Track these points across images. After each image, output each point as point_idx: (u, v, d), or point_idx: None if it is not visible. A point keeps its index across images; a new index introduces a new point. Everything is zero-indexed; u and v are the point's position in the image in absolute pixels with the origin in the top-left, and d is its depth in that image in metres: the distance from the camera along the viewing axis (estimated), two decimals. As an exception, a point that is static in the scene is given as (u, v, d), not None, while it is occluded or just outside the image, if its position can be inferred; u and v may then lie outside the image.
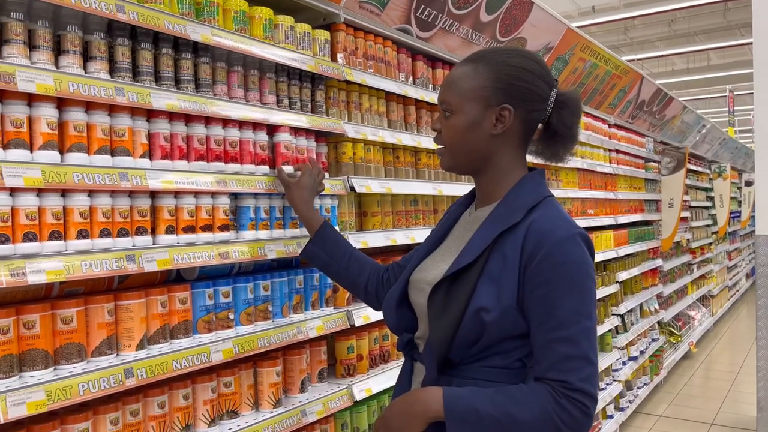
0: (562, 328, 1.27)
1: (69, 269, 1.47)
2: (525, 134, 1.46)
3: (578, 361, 1.26)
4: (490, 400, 1.28)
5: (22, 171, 1.40)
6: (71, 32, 1.57)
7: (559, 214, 1.37)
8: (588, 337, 1.28)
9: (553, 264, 1.29)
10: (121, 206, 1.66)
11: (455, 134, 1.43)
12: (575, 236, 1.32)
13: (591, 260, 1.34)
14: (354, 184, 2.38)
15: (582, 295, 1.29)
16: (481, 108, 1.41)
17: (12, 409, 1.36)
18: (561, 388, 1.25)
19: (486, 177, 1.48)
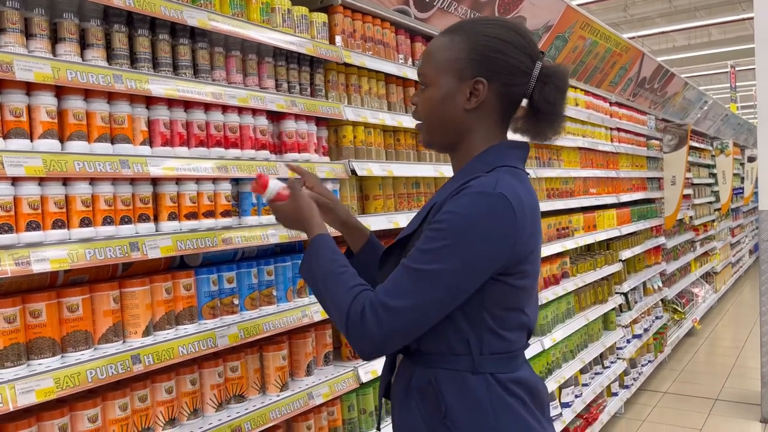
0: (413, 259, 1.22)
1: (73, 257, 1.48)
2: (504, 110, 1.37)
3: (397, 290, 1.21)
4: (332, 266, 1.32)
5: (23, 160, 1.40)
6: (67, 20, 1.56)
7: (493, 177, 1.26)
8: (424, 283, 1.20)
9: (446, 210, 1.23)
10: (123, 194, 1.66)
11: (429, 108, 1.37)
12: (485, 193, 1.22)
13: (493, 223, 1.20)
14: (355, 168, 2.38)
15: (452, 249, 1.19)
16: (454, 81, 1.33)
17: (21, 397, 1.37)
18: (371, 297, 1.23)
19: (459, 154, 1.39)
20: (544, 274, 3.92)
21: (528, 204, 1.27)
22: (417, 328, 1.23)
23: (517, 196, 1.24)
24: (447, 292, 1.22)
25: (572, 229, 4.44)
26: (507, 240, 1.22)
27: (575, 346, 4.29)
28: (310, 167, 2.20)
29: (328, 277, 1.32)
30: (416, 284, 1.20)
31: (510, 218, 1.21)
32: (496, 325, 1.29)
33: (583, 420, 4.33)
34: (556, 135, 1.40)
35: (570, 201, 4.39)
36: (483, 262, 1.22)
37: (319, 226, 1.45)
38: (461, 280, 1.21)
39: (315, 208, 1.50)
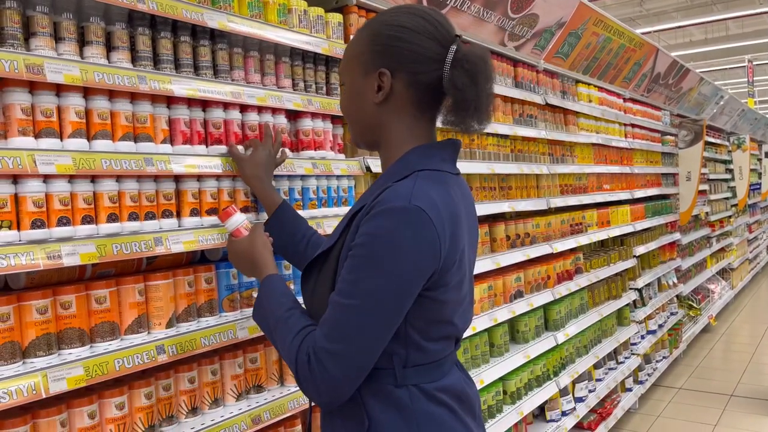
0: (342, 294, 1.18)
1: (101, 252, 1.54)
2: (418, 101, 1.30)
3: (335, 332, 1.17)
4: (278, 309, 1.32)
5: (54, 158, 1.46)
6: (94, 23, 1.63)
7: (409, 186, 1.19)
8: (359, 319, 1.16)
9: (364, 232, 1.17)
10: (147, 190, 1.72)
11: (345, 106, 1.37)
12: (401, 209, 1.15)
13: (414, 241, 1.15)
14: (370, 164, 2.43)
15: (379, 276, 1.15)
16: (361, 75, 1.31)
17: (53, 385, 1.44)
18: (313, 343, 1.19)
19: (383, 152, 1.36)
20: (558, 270, 3.94)
21: (447, 211, 1.20)
22: (366, 364, 1.19)
23: (434, 205, 1.18)
24: (384, 321, 1.18)
25: (585, 224, 4.46)
26: (431, 254, 1.17)
27: (589, 341, 4.31)
28: (327, 164, 2.25)
29: (277, 324, 1.30)
30: (352, 322, 1.16)
31: (429, 231, 1.16)
32: (420, 338, 1.25)
33: (597, 415, 4.35)
34: (481, 125, 1.29)
35: (583, 197, 4.40)
36: (412, 281, 1.17)
37: (270, 267, 1.45)
38: (395, 306, 1.17)
39: (269, 250, 1.51)
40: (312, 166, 2.19)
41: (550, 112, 4.14)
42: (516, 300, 3.47)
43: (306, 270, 1.36)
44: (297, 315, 1.29)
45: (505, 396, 3.31)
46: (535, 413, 3.87)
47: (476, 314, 3.09)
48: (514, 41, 3.72)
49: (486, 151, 3.37)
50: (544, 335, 3.76)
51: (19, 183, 1.45)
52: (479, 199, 3.30)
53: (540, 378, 3.61)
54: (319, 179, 2.26)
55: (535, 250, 3.65)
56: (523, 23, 3.67)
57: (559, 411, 3.83)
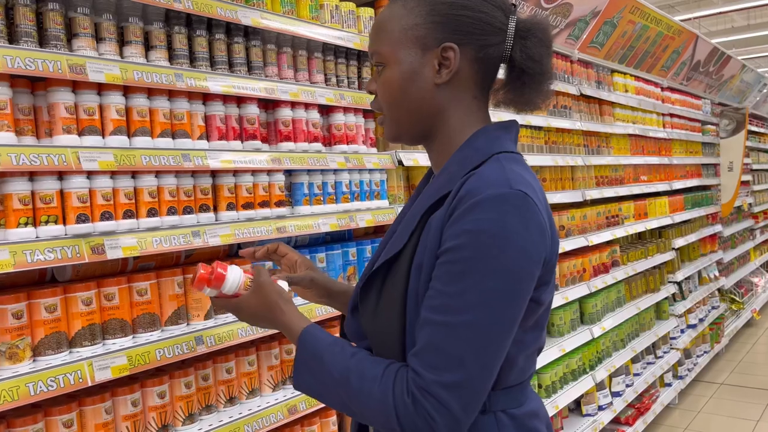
0: (446, 311, 0.96)
1: (142, 245, 1.59)
2: (482, 79, 1.12)
3: (446, 360, 0.95)
4: (341, 359, 1.05)
5: (97, 155, 1.52)
6: (133, 24, 1.67)
7: (499, 170, 1.02)
8: (477, 336, 0.95)
9: (461, 231, 0.97)
10: (185, 185, 1.77)
11: (391, 92, 1.11)
12: (504, 196, 0.97)
13: (526, 230, 0.98)
14: (402, 158, 2.44)
15: (492, 278, 0.95)
16: (417, 52, 1.08)
17: (98, 373, 1.50)
18: (415, 380, 0.97)
19: (437, 144, 1.15)
20: (594, 262, 3.89)
21: (542, 195, 1.07)
22: (487, 389, 0.99)
23: (533, 189, 1.03)
24: (505, 333, 0.98)
25: (622, 217, 4.39)
26: (543, 243, 1.01)
27: (626, 335, 4.25)
28: (359, 158, 2.27)
29: (342, 380, 1.03)
30: (468, 342, 0.95)
31: (538, 219, 1.00)
32: (516, 351, 1.05)
33: (635, 410, 4.29)
34: (546, 100, 1.16)
35: (620, 188, 4.33)
36: (529, 277, 0.99)
37: (297, 318, 1.18)
38: (515, 311, 0.99)
39: (286, 298, 1.22)
40: (345, 161, 2.21)
41: (585, 103, 4.08)
42: (551, 293, 3.44)
43: (363, 288, 1.12)
44: (365, 358, 1.05)
45: (539, 390, 3.29)
46: (571, 407, 3.84)
47: (510, 307, 3.08)
48: (547, 31, 3.67)
49: (519, 144, 3.34)
50: (579, 329, 3.72)
51: (64, 179, 1.51)
52: (513, 191, 3.27)
53: (575, 372, 3.57)
54: (351, 173, 2.29)
55: (570, 242, 3.61)
56: (557, 13, 3.62)
57: (595, 405, 3.79)
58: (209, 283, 1.27)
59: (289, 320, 1.18)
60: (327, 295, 1.41)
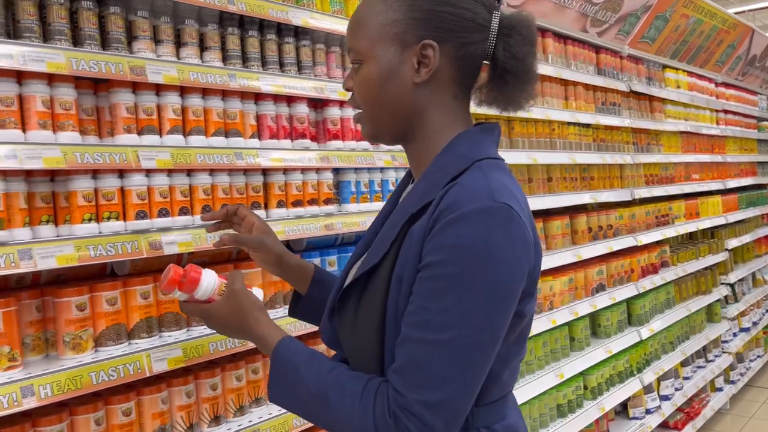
0: (428, 327, 0.93)
1: (196, 241, 1.64)
2: (462, 79, 1.07)
3: (428, 378, 0.92)
4: (319, 374, 1.01)
5: (155, 154, 1.57)
6: (189, 26, 1.72)
7: (482, 180, 0.98)
8: (460, 354, 0.92)
9: (443, 246, 0.94)
10: (237, 183, 1.81)
11: (368, 90, 1.06)
12: (487, 210, 0.94)
13: (511, 245, 0.94)
14: (449, 156, 2.44)
15: (475, 295, 0.92)
16: (396, 49, 1.04)
17: (156, 364, 1.55)
18: (396, 399, 0.93)
19: (415, 143, 1.10)
20: (642, 263, 3.81)
21: (525, 203, 1.03)
22: (469, 405, 0.97)
23: (516, 200, 0.99)
24: (488, 351, 0.95)
25: (672, 216, 4.28)
26: (527, 258, 0.98)
27: (675, 337, 4.15)
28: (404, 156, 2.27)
29: (320, 395, 1.00)
30: (450, 360, 0.92)
31: (523, 232, 0.96)
32: (499, 367, 1.01)
33: (684, 414, 4.19)
34: (530, 100, 1.11)
35: (670, 187, 4.23)
36: (513, 294, 0.97)
37: (273, 329, 1.13)
38: (498, 328, 0.96)
39: (261, 309, 1.17)
40: (391, 159, 2.22)
41: (635, 100, 3.99)
42: (597, 293, 3.39)
43: (341, 300, 1.07)
44: (344, 373, 1.01)
45: (585, 391, 3.25)
46: (618, 410, 3.77)
47: (556, 307, 3.05)
48: (596, 27, 3.60)
49: (567, 141, 3.29)
50: (627, 330, 3.65)
51: (124, 177, 1.56)
52: (560, 190, 3.24)
53: (622, 374, 3.51)
54: (397, 171, 2.30)
55: (619, 242, 3.54)
56: (607, 8, 3.55)
57: (642, 408, 3.71)
58: (181, 286, 1.20)
59: (263, 331, 1.13)
60: (277, 263, 1.37)
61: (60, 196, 1.49)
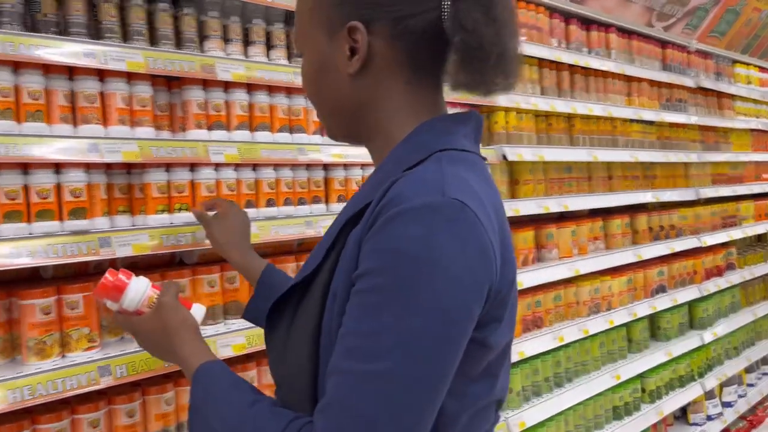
0: (357, 356, 0.74)
1: (262, 233, 1.70)
2: (411, 60, 0.89)
3: (353, 420, 0.73)
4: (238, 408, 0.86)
5: (223, 149, 1.63)
6: (257, 25, 1.78)
7: (434, 172, 0.80)
8: (395, 390, 0.72)
9: (378, 249, 0.76)
10: (300, 178, 1.86)
11: (307, 86, 0.96)
12: (434, 206, 0.75)
13: (462, 252, 0.75)
14: (506, 153, 2.43)
15: (415, 315, 0.73)
16: (324, 38, 0.90)
17: (221, 350, 1.62)
18: None
19: (372, 142, 0.95)
20: (706, 265, 3.69)
21: (492, 207, 0.83)
22: None
23: (476, 197, 0.80)
24: (433, 385, 0.75)
25: (740, 217, 4.12)
26: (484, 268, 0.78)
27: (740, 342, 4.00)
28: (464, 153, 2.29)
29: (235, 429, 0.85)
30: (379, 398, 0.72)
31: (479, 236, 0.77)
32: (458, 407, 0.82)
33: (747, 422, 4.04)
34: (508, 79, 0.90)
35: (738, 187, 4.07)
36: (461, 318, 0.76)
37: (197, 350, 1.00)
38: (442, 360, 0.75)
39: (190, 326, 1.05)
40: (450, 155, 2.24)
41: (703, 96, 3.86)
42: (658, 295, 3.30)
43: (269, 317, 0.92)
44: (266, 409, 0.84)
45: (643, 394, 3.18)
46: (677, 415, 3.67)
47: (614, 308, 2.99)
48: (662, 21, 3.50)
49: (629, 139, 3.22)
50: (688, 333, 3.55)
51: (195, 171, 1.64)
52: (621, 188, 3.17)
53: (683, 378, 3.41)
54: (456, 167, 2.31)
55: (681, 243, 3.44)
56: (674, 2, 3.44)
57: (703, 414, 3.60)
58: (108, 293, 1.06)
59: (186, 353, 0.99)
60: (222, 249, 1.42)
61: (135, 187, 1.57)
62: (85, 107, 1.45)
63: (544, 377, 2.61)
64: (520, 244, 2.59)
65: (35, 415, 1.39)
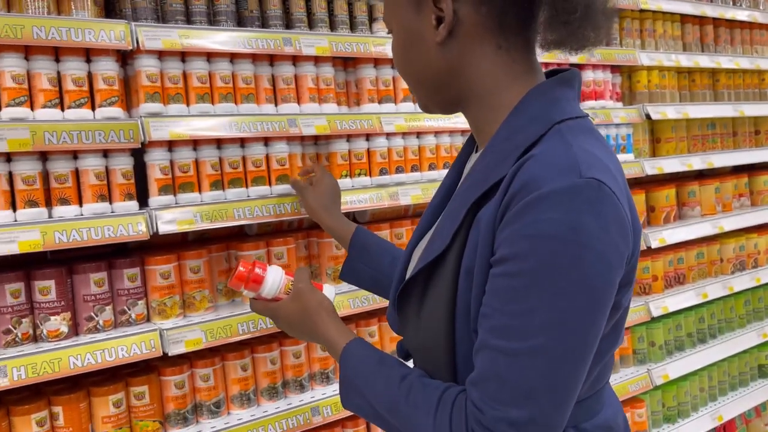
0: (509, 334, 0.79)
1: (424, 194, 1.89)
2: (501, 23, 0.90)
3: (512, 392, 0.79)
4: (388, 384, 0.93)
5: (393, 119, 1.83)
6: (416, 4, 1.95)
7: (564, 150, 0.82)
8: (549, 365, 0.78)
9: (521, 236, 0.79)
10: (457, 143, 2.03)
11: (398, 60, 0.99)
12: (574, 189, 0.78)
13: (605, 231, 0.79)
14: (650, 112, 2.46)
15: (565, 295, 0.77)
16: (412, 11, 0.93)
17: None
18: (476, 415, 0.81)
19: (470, 108, 0.97)
20: None
21: (617, 169, 0.87)
22: (561, 422, 0.82)
23: (609, 171, 0.82)
24: (583, 357, 0.81)
25: None
26: (624, 242, 0.82)
27: None
28: (606, 113, 2.35)
29: (392, 407, 0.92)
30: (538, 372, 0.78)
31: (619, 213, 0.80)
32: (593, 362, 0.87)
33: None
34: (598, 33, 0.91)
35: None
36: (607, 293, 0.81)
37: (339, 331, 1.08)
38: (594, 331, 0.81)
39: (328, 310, 1.13)
40: (593, 116, 2.31)
41: None
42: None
43: (402, 294, 0.98)
44: (417, 382, 0.91)
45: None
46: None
47: (761, 265, 2.94)
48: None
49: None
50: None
51: (370, 140, 1.86)
52: (768, 143, 3.07)
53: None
54: (598, 128, 2.38)
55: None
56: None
57: None
58: (246, 283, 1.17)
59: (329, 335, 1.08)
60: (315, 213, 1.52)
61: (322, 156, 1.82)
62: (284, 89, 1.70)
63: (687, 332, 2.65)
64: (662, 202, 2.62)
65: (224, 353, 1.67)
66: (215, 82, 1.59)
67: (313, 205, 1.53)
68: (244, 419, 1.61)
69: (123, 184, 1.47)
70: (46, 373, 1.34)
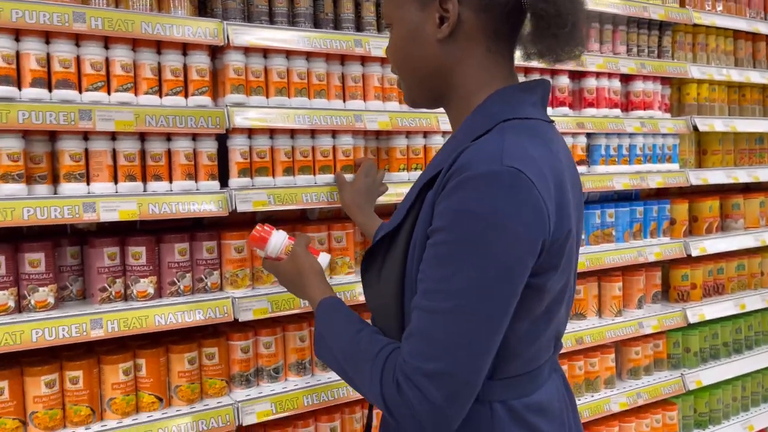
0: (432, 296, 0.92)
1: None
2: (494, 29, 1.01)
3: (429, 347, 0.91)
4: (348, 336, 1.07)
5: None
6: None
7: (496, 142, 0.93)
8: (462, 324, 0.90)
9: (448, 210, 0.91)
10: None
11: (396, 53, 1.08)
12: (494, 175, 0.89)
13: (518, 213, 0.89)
14: (697, 124, 2.53)
15: (478, 265, 0.89)
16: (416, 8, 1.03)
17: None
18: (402, 366, 0.93)
19: (452, 105, 1.08)
20: None
21: (550, 171, 0.95)
22: (476, 381, 0.93)
23: (532, 163, 0.92)
24: (494, 322, 0.91)
25: None
26: (539, 226, 0.92)
27: None
28: (654, 123, 2.44)
29: (346, 355, 1.07)
30: (452, 330, 0.90)
31: (532, 196, 0.90)
32: (516, 341, 0.98)
33: None
34: (577, 48, 1.03)
35: None
36: (521, 263, 0.91)
37: (320, 290, 1.25)
38: (505, 299, 0.91)
39: (315, 271, 1.30)
40: (640, 125, 2.40)
41: None
42: None
43: (365, 261, 1.11)
44: (367, 336, 1.04)
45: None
46: None
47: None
48: None
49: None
50: None
51: (427, 137, 1.99)
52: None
53: None
54: (645, 137, 2.47)
55: None
56: None
57: None
58: (257, 243, 1.41)
59: (313, 292, 1.25)
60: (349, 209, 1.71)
61: (382, 150, 1.97)
62: (352, 86, 1.85)
63: (723, 341, 2.71)
64: (705, 212, 2.69)
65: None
66: (292, 78, 1.76)
67: (348, 201, 1.73)
68: (300, 386, 1.76)
69: (208, 165, 1.65)
70: (135, 328, 1.52)
